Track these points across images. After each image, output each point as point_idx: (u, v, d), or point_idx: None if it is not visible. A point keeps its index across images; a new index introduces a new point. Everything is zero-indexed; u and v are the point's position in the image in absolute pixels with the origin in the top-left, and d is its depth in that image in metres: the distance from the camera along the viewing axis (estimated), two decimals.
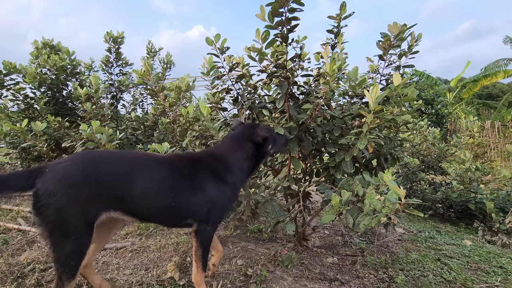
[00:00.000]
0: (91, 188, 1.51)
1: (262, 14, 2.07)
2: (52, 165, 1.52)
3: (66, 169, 1.51)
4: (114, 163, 1.65)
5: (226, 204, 1.90)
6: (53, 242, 1.46)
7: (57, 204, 1.43)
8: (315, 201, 4.60)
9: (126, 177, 1.61)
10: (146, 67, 2.81)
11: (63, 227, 1.46)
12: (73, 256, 1.48)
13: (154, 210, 1.72)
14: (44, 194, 1.42)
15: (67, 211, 1.45)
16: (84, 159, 1.60)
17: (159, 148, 2.79)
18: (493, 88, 33.17)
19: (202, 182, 1.81)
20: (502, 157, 10.99)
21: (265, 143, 2.01)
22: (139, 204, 1.65)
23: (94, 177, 1.53)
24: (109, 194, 1.57)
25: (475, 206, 4.25)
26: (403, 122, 2.40)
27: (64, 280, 1.48)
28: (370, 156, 2.54)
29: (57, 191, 1.43)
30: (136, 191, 1.62)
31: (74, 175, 1.50)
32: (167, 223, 2.04)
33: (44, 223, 1.45)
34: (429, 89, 14.32)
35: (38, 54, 4.89)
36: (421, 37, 2.36)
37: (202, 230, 1.81)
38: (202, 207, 1.78)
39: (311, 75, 2.60)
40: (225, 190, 1.86)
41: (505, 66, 17.72)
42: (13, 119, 4.43)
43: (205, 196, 1.79)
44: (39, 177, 1.46)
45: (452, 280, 2.45)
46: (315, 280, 2.39)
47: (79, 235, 1.49)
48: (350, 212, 2.21)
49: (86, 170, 1.53)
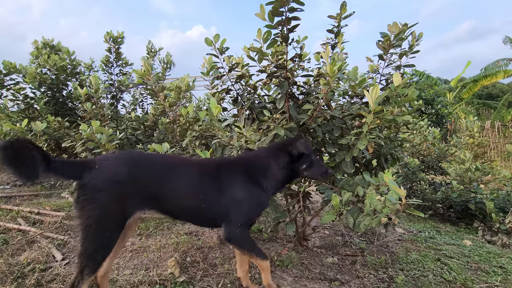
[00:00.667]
0: (132, 187, 1.60)
1: (262, 14, 2.06)
2: (99, 162, 1.60)
3: (112, 168, 1.60)
4: (153, 164, 1.74)
5: (255, 206, 1.88)
6: (85, 235, 1.51)
7: (101, 200, 1.51)
8: (315, 201, 4.59)
9: (163, 178, 1.70)
10: (146, 67, 2.81)
11: (101, 222, 1.52)
12: (101, 250, 1.54)
13: (186, 210, 1.77)
14: (91, 189, 1.51)
15: (108, 207, 1.53)
16: (128, 159, 1.70)
17: (159, 148, 2.79)
18: (493, 88, 33.16)
19: (232, 183, 1.82)
20: (502, 157, 10.99)
21: (300, 159, 1.98)
22: (173, 203, 1.74)
23: (136, 177, 1.63)
24: (147, 193, 1.65)
25: (475, 206, 4.25)
26: (403, 122, 2.39)
27: (85, 274, 1.52)
28: (370, 156, 2.54)
29: (103, 187, 1.52)
30: (170, 191, 1.71)
31: (119, 174, 1.59)
32: (198, 222, 2.05)
33: (84, 216, 1.50)
34: (429, 89, 14.30)
35: (38, 54, 4.90)
36: (422, 37, 2.35)
37: (235, 235, 1.79)
38: (231, 210, 1.78)
39: (311, 75, 2.60)
40: (255, 192, 1.86)
41: (505, 66, 17.71)
42: (13, 119, 4.44)
43: (234, 198, 1.79)
44: (87, 171, 1.53)
45: (452, 280, 2.44)
46: (315, 280, 2.38)
47: (113, 230, 1.57)
48: (350, 212, 2.21)
49: (129, 170, 1.62)
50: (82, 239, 1.52)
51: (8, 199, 4.29)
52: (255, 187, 1.87)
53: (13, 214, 3.52)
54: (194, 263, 2.55)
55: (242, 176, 1.87)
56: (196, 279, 2.31)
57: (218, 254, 2.74)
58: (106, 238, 1.54)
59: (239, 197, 1.82)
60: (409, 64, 2.47)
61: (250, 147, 2.65)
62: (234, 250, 2.85)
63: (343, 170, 2.34)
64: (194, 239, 3.06)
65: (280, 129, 2.26)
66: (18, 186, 5.18)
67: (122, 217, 1.58)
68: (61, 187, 5.07)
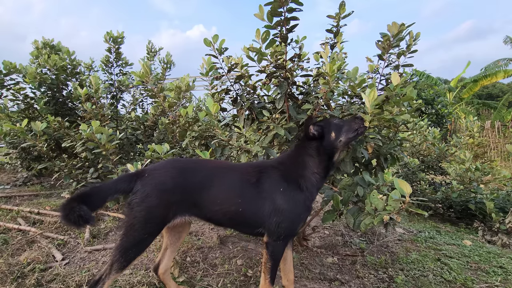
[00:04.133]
0: (177, 194, 1.71)
1: (261, 14, 2.06)
2: (149, 171, 1.76)
3: (161, 176, 1.73)
4: (196, 172, 1.82)
5: (297, 215, 1.79)
6: (127, 232, 1.65)
7: (149, 204, 1.65)
8: (315, 201, 4.60)
9: (205, 185, 1.77)
10: (145, 69, 2.80)
11: (144, 223, 1.64)
12: (136, 249, 1.67)
13: (226, 216, 1.78)
14: (142, 194, 1.65)
15: (154, 211, 1.66)
16: (174, 168, 1.80)
17: (159, 148, 2.79)
18: (493, 88, 33.15)
19: (272, 191, 1.76)
20: (502, 157, 10.98)
21: (324, 133, 1.84)
22: (213, 209, 1.77)
23: (181, 185, 1.73)
24: (190, 200, 1.74)
25: (475, 206, 4.25)
26: (403, 121, 2.39)
27: (114, 268, 1.64)
28: (369, 156, 2.54)
29: (152, 193, 1.66)
30: (211, 197, 1.76)
31: (167, 182, 1.71)
32: (239, 229, 2.05)
33: (131, 215, 1.64)
34: (429, 89, 14.30)
35: (38, 54, 4.89)
36: (419, 36, 2.35)
37: (273, 242, 1.76)
38: (271, 217, 1.73)
39: (311, 75, 2.60)
40: (295, 199, 1.77)
41: (505, 66, 17.71)
42: (13, 119, 4.43)
43: (274, 205, 1.74)
44: (139, 180, 1.70)
45: (452, 280, 2.44)
46: (315, 280, 2.38)
47: (152, 233, 1.70)
48: (350, 212, 2.21)
49: (175, 178, 1.74)
50: (122, 235, 1.66)
51: (8, 199, 4.30)
52: (293, 194, 1.78)
53: (13, 214, 3.52)
54: (194, 263, 2.55)
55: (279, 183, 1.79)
56: (196, 279, 2.31)
57: (218, 254, 2.74)
58: (143, 239, 1.67)
59: (278, 207, 1.74)
60: (407, 64, 2.47)
61: (249, 147, 2.64)
62: (234, 249, 2.85)
63: (342, 170, 2.34)
64: (194, 239, 3.06)
65: (280, 129, 2.26)
66: (18, 186, 5.19)
67: (162, 221, 1.71)
68: (61, 187, 5.08)
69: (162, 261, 2.07)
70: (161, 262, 2.07)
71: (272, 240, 1.76)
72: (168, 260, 2.08)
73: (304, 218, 1.91)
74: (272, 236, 1.75)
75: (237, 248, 2.88)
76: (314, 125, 1.86)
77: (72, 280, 2.19)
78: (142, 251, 1.73)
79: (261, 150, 2.43)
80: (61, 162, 3.88)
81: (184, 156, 4.40)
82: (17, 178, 5.46)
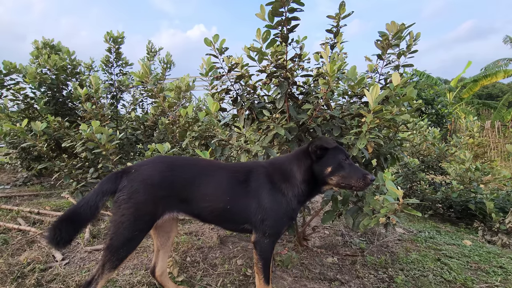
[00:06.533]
0: (165, 190, 1.69)
1: (262, 14, 2.06)
2: (136, 167, 1.73)
3: (148, 171, 1.70)
4: (185, 168, 1.80)
5: (279, 215, 1.79)
6: (116, 230, 1.61)
7: (137, 199, 1.61)
8: (315, 201, 4.60)
9: (194, 181, 1.76)
10: (144, 69, 2.80)
11: (133, 220, 1.61)
12: (127, 247, 1.63)
13: (213, 213, 1.78)
14: (129, 190, 1.62)
15: (142, 207, 1.63)
16: (163, 163, 1.78)
17: (161, 148, 2.79)
18: (493, 88, 33.16)
19: (258, 189, 1.79)
20: (502, 157, 10.99)
21: (322, 158, 1.76)
22: (201, 206, 1.77)
23: (169, 179, 1.71)
24: (178, 196, 1.73)
25: (475, 206, 4.25)
26: (403, 121, 2.39)
27: (106, 268, 1.60)
28: (369, 156, 2.54)
29: (140, 188, 1.63)
30: (199, 194, 1.76)
31: (155, 176, 1.69)
32: (225, 225, 2.05)
33: (118, 212, 1.61)
34: (429, 89, 14.31)
35: (38, 54, 4.90)
36: (419, 36, 2.35)
37: (259, 241, 1.79)
38: (256, 214, 1.77)
39: (311, 75, 2.60)
40: (278, 200, 1.79)
41: (505, 66, 17.72)
42: (13, 119, 4.44)
43: (259, 203, 1.77)
44: (125, 176, 1.67)
45: (452, 280, 2.44)
46: (315, 280, 2.38)
47: (142, 229, 1.66)
48: (350, 212, 2.21)
49: (164, 173, 1.71)
50: (111, 234, 1.62)
51: (8, 199, 4.30)
52: (277, 195, 1.80)
53: (13, 214, 3.52)
54: (194, 263, 2.55)
55: (265, 183, 1.81)
56: (196, 279, 2.31)
57: (218, 254, 2.74)
58: (134, 236, 1.63)
59: (263, 204, 1.78)
60: (407, 64, 2.47)
61: (249, 147, 2.65)
62: (234, 249, 2.85)
63: None
64: (194, 239, 3.06)
65: (280, 129, 2.26)
66: (18, 186, 5.19)
67: (152, 217, 1.68)
68: (61, 187, 5.08)
69: (157, 263, 2.05)
70: (156, 264, 2.05)
71: (259, 238, 1.79)
72: (163, 261, 2.06)
73: (287, 222, 1.87)
74: (258, 232, 1.79)
75: (237, 248, 2.88)
76: (319, 148, 1.76)
77: (72, 280, 2.19)
78: (134, 248, 1.70)
79: (261, 150, 2.43)
80: (61, 162, 3.88)
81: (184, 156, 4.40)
82: (17, 178, 5.46)
